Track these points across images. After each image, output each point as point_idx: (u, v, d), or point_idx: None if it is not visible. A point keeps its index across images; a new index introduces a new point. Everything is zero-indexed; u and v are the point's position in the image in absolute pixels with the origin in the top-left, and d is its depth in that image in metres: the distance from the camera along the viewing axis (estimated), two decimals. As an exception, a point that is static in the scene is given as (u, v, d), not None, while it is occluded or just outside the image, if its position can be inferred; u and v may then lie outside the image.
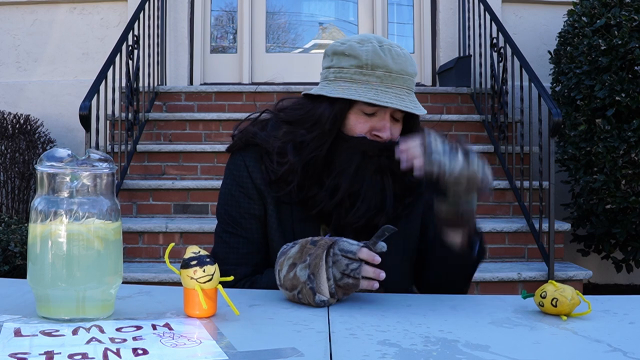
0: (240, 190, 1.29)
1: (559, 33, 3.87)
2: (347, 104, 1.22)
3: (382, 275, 1.03)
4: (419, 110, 1.23)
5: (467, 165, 1.11)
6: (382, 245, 1.04)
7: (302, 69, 4.69)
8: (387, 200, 1.23)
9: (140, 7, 3.89)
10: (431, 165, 1.11)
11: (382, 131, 1.23)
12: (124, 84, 3.63)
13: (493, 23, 3.81)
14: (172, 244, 1.04)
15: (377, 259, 1.03)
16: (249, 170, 1.28)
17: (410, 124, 1.30)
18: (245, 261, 1.29)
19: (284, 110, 1.30)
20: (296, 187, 1.23)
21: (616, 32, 3.31)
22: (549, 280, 1.05)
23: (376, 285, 1.04)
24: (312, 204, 1.24)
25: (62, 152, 0.92)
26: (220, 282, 0.97)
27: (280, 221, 1.28)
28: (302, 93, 1.30)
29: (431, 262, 1.31)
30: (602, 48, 3.34)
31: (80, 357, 0.76)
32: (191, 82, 4.63)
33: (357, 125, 1.23)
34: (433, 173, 1.11)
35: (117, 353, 0.77)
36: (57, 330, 0.86)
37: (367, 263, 1.04)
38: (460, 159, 1.11)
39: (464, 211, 1.17)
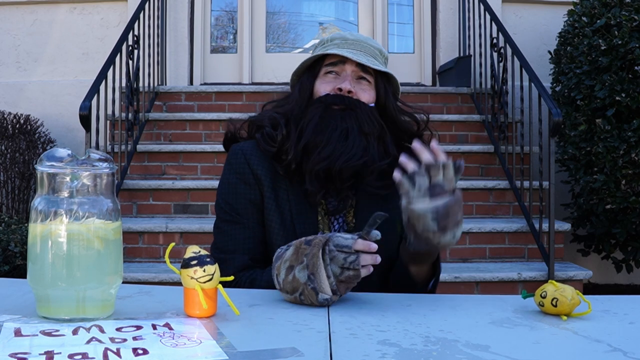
0: (237, 178, 1.34)
1: (559, 33, 3.86)
2: (311, 75, 1.38)
3: (379, 259, 1.04)
4: (374, 64, 1.33)
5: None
6: (376, 234, 1.05)
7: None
8: (352, 149, 1.28)
9: (140, 7, 3.89)
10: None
11: (342, 84, 1.33)
12: (124, 84, 3.63)
13: (493, 23, 3.81)
14: (172, 244, 1.04)
15: (374, 247, 1.03)
16: (246, 157, 1.34)
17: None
18: (242, 248, 1.31)
19: (273, 101, 1.47)
20: (292, 150, 1.30)
21: (616, 32, 3.31)
22: (549, 280, 1.05)
23: (371, 269, 1.05)
24: (286, 158, 1.30)
25: (62, 152, 0.92)
26: (221, 282, 0.97)
27: (278, 204, 1.32)
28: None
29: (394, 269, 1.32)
30: (602, 48, 3.34)
31: (80, 357, 0.76)
32: (191, 82, 4.63)
33: (322, 86, 1.36)
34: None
35: (117, 353, 0.77)
36: (57, 330, 0.86)
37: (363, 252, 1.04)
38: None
39: (433, 249, 1.17)
